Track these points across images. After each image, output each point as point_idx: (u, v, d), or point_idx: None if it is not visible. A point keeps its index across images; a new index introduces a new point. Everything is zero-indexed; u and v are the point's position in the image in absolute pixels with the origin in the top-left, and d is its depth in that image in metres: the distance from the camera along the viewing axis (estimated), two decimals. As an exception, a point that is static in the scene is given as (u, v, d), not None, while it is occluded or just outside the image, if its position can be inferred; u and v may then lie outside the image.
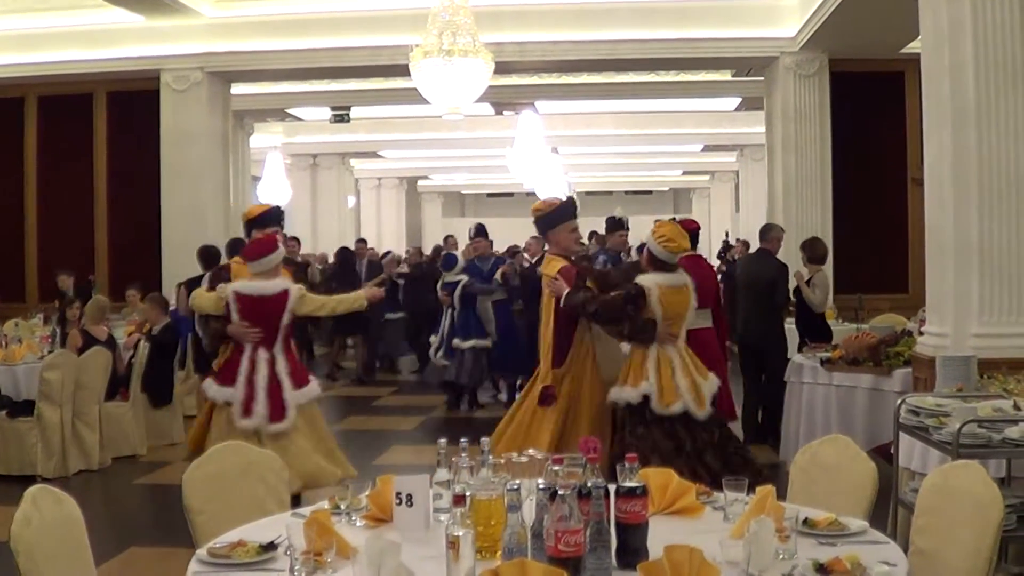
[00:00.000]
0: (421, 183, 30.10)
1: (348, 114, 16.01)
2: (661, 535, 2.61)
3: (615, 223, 8.69)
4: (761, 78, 12.06)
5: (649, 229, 5.49)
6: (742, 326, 8.43)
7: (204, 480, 3.41)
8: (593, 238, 11.94)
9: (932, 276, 6.08)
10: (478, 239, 10.65)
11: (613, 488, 2.64)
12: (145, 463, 8.10)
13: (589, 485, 2.55)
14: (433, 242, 20.40)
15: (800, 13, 10.52)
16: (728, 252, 17.42)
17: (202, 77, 11.40)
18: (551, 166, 19.07)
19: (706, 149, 22.62)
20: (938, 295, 5.96)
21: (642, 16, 10.98)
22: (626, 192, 30.14)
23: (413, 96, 10.35)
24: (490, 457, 3.06)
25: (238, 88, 12.75)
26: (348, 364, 13.82)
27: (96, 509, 6.73)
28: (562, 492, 2.47)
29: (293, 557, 2.59)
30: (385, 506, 3.03)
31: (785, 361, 7.55)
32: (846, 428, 6.08)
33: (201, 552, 2.80)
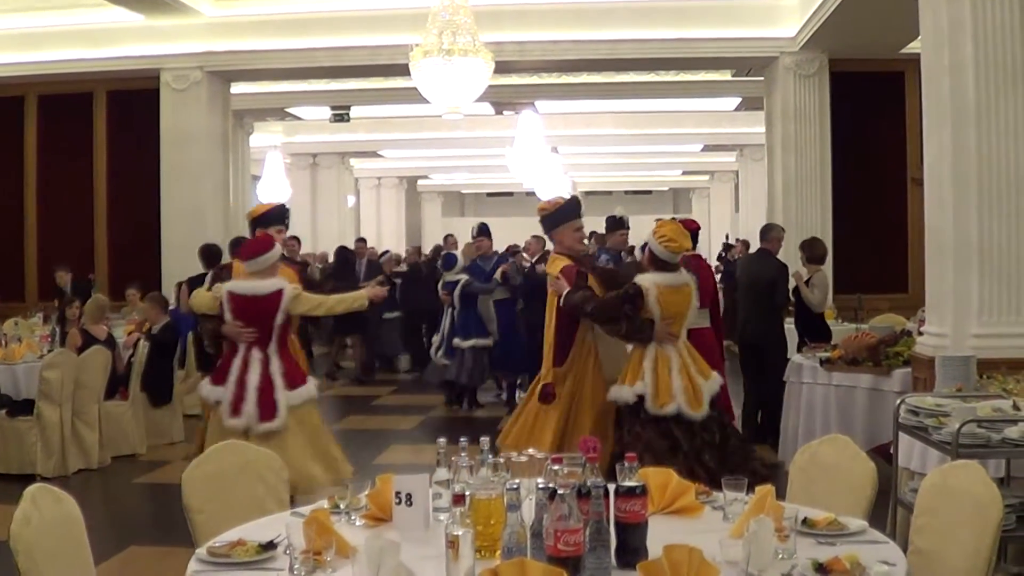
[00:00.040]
0: (421, 183, 30.09)
1: (348, 113, 16.00)
2: (660, 534, 2.61)
3: (616, 222, 8.68)
4: (761, 78, 12.06)
5: (650, 229, 5.50)
6: (742, 326, 8.44)
7: (203, 479, 3.41)
8: (592, 238, 11.92)
9: (932, 276, 6.08)
10: (480, 238, 10.60)
11: (612, 487, 2.64)
12: (144, 462, 8.10)
13: (588, 484, 2.55)
14: (433, 241, 20.41)
15: (800, 13, 10.52)
16: (729, 252, 17.44)
17: (202, 76, 11.40)
18: (551, 166, 19.05)
19: (706, 149, 22.61)
20: (938, 295, 5.96)
21: (642, 16, 10.98)
22: (626, 192, 30.13)
23: (413, 95, 10.34)
24: (490, 456, 3.05)
25: (238, 87, 12.75)
26: (348, 364, 13.82)
27: (96, 508, 6.72)
28: (561, 491, 2.47)
29: (292, 556, 2.59)
30: (384, 505, 3.03)
31: (785, 361, 7.55)
32: (845, 428, 6.08)
33: (200, 551, 2.80)
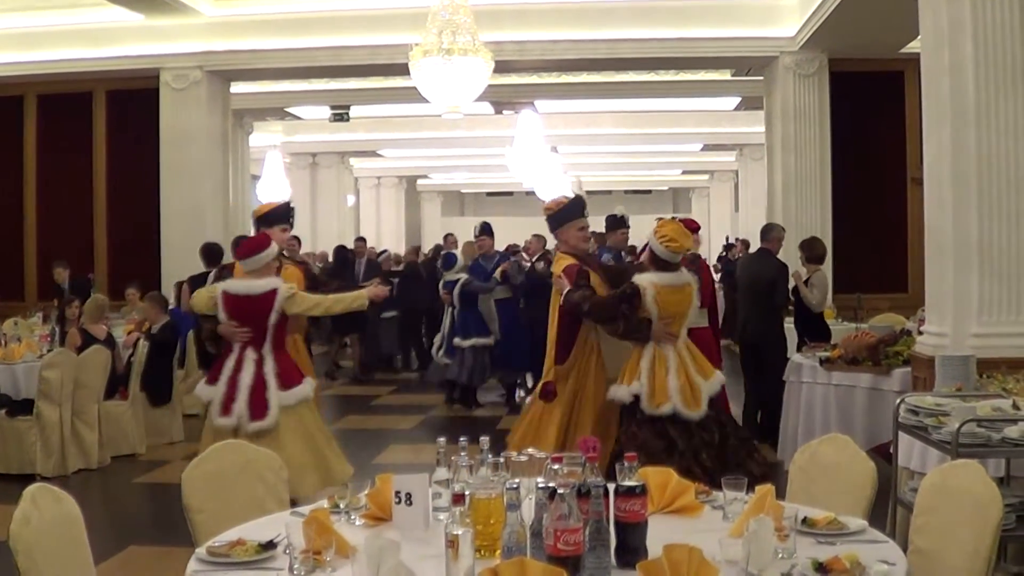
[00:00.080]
0: (420, 182, 30.09)
1: (347, 113, 16.00)
2: (660, 534, 2.61)
3: (616, 221, 8.68)
4: (761, 78, 12.06)
5: (652, 228, 5.50)
6: (742, 326, 8.44)
7: (203, 479, 3.41)
8: (592, 237, 11.88)
9: (931, 276, 6.08)
10: (483, 237, 10.58)
11: (612, 487, 2.64)
12: (144, 462, 8.09)
13: (588, 484, 2.55)
14: (433, 241, 20.41)
15: (800, 13, 10.52)
16: (729, 252, 17.43)
17: (201, 76, 11.40)
18: (551, 165, 19.04)
19: (705, 148, 22.61)
20: (937, 294, 5.96)
21: (641, 15, 10.98)
22: (625, 191, 30.10)
23: (412, 95, 10.33)
24: (489, 456, 3.06)
25: (237, 87, 12.75)
26: (347, 363, 13.82)
27: (95, 508, 6.73)
28: (561, 491, 2.47)
29: (292, 556, 2.59)
30: (384, 505, 3.03)
31: (784, 360, 7.54)
32: (845, 427, 6.06)
33: (200, 551, 2.80)
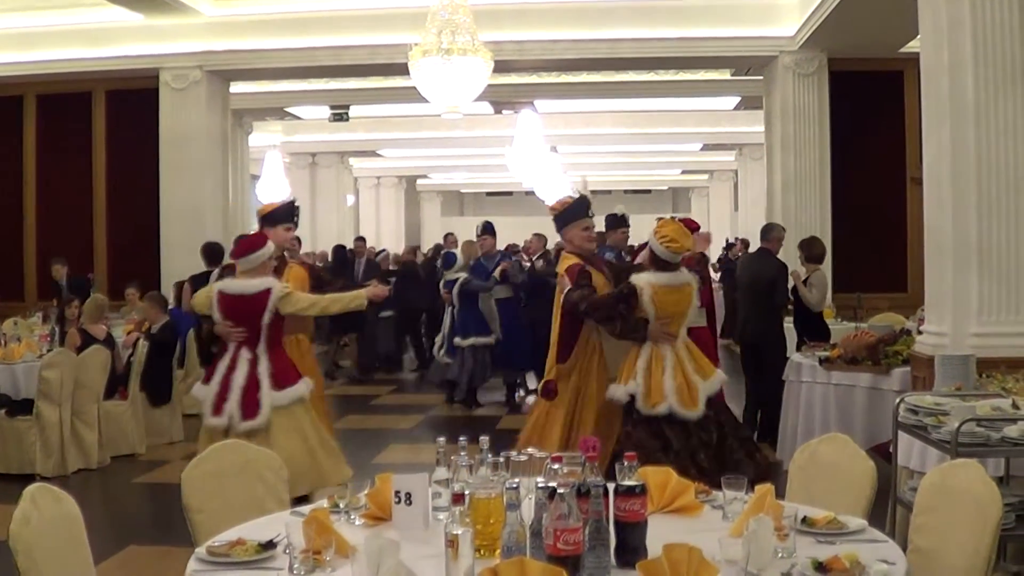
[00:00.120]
0: (420, 182, 30.09)
1: (347, 113, 16.00)
2: (660, 534, 2.61)
3: (616, 220, 8.68)
4: (760, 77, 12.06)
5: (652, 228, 5.50)
6: (742, 325, 8.43)
7: (203, 479, 3.41)
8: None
9: (931, 275, 6.08)
10: (485, 237, 10.55)
11: (612, 487, 2.64)
12: (144, 462, 8.09)
13: (588, 483, 2.55)
14: (432, 241, 20.40)
15: (799, 12, 10.52)
16: (730, 251, 17.44)
17: (201, 76, 11.39)
18: (550, 165, 19.04)
19: (705, 148, 22.61)
20: (937, 294, 5.96)
21: (641, 15, 10.98)
22: (625, 191, 30.08)
23: (412, 95, 10.34)
24: (489, 455, 3.06)
25: (237, 87, 12.75)
26: (347, 363, 13.82)
27: (95, 508, 6.73)
28: (561, 491, 2.47)
29: (292, 556, 2.59)
30: (384, 505, 3.03)
31: (784, 360, 7.54)
32: (845, 427, 6.06)
33: (200, 550, 2.80)
